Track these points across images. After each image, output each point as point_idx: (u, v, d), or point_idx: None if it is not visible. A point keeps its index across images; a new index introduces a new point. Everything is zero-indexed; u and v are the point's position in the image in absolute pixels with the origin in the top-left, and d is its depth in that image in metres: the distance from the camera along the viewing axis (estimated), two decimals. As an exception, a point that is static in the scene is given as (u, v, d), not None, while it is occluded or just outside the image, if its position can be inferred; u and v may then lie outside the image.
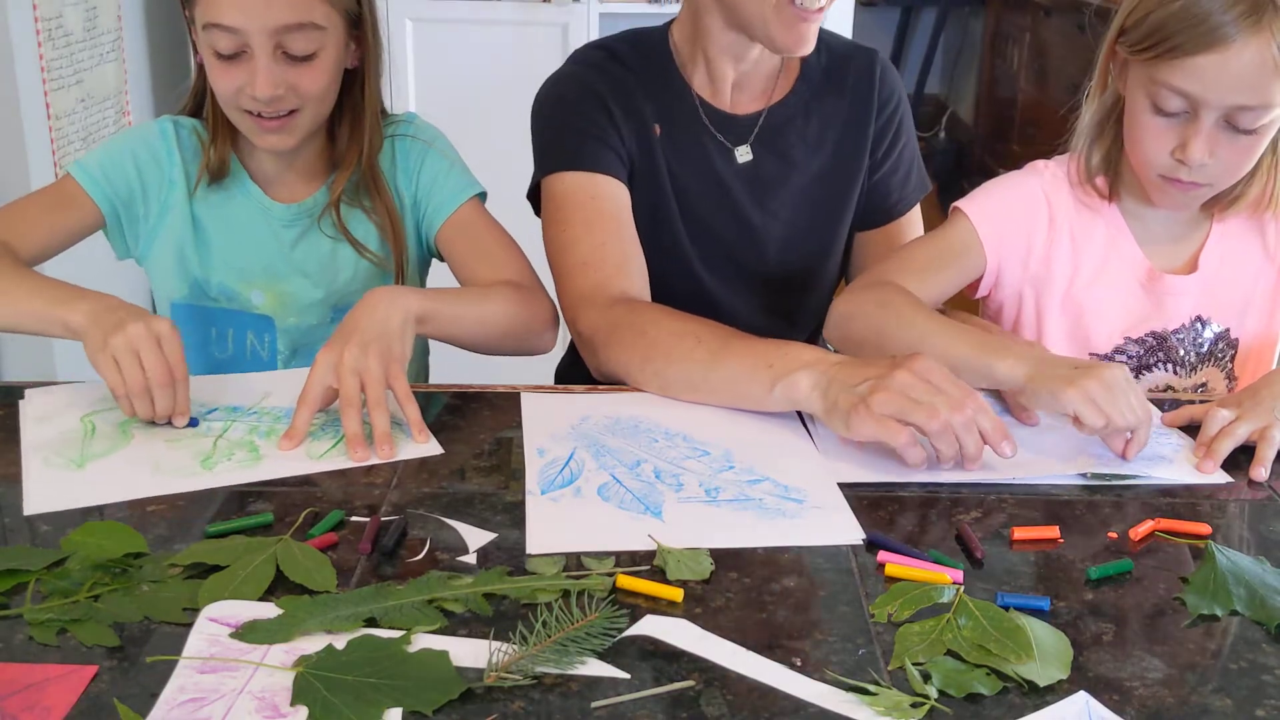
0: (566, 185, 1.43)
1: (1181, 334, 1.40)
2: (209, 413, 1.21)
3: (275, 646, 0.84)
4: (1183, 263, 1.40)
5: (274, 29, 1.30)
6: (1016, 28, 4.96)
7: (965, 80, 5.58)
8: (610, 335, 1.33)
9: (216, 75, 1.34)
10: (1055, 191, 1.40)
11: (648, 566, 0.96)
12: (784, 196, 1.52)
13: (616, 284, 1.38)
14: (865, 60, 1.55)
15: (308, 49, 1.32)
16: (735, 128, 1.50)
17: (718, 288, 1.53)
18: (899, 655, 0.85)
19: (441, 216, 1.47)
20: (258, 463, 1.12)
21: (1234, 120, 1.23)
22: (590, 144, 1.43)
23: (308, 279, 1.46)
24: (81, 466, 1.10)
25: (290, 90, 1.33)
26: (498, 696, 0.80)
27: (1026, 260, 1.41)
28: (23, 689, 0.80)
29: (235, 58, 1.31)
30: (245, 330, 1.47)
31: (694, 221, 1.50)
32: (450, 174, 1.48)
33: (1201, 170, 1.26)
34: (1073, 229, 1.40)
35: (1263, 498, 1.12)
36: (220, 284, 1.45)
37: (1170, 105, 1.24)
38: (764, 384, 1.19)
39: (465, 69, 2.99)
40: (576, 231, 1.41)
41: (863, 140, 1.53)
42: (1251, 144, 1.25)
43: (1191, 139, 1.24)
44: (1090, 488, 1.12)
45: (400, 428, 1.18)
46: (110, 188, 1.40)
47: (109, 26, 2.67)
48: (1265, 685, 0.84)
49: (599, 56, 1.50)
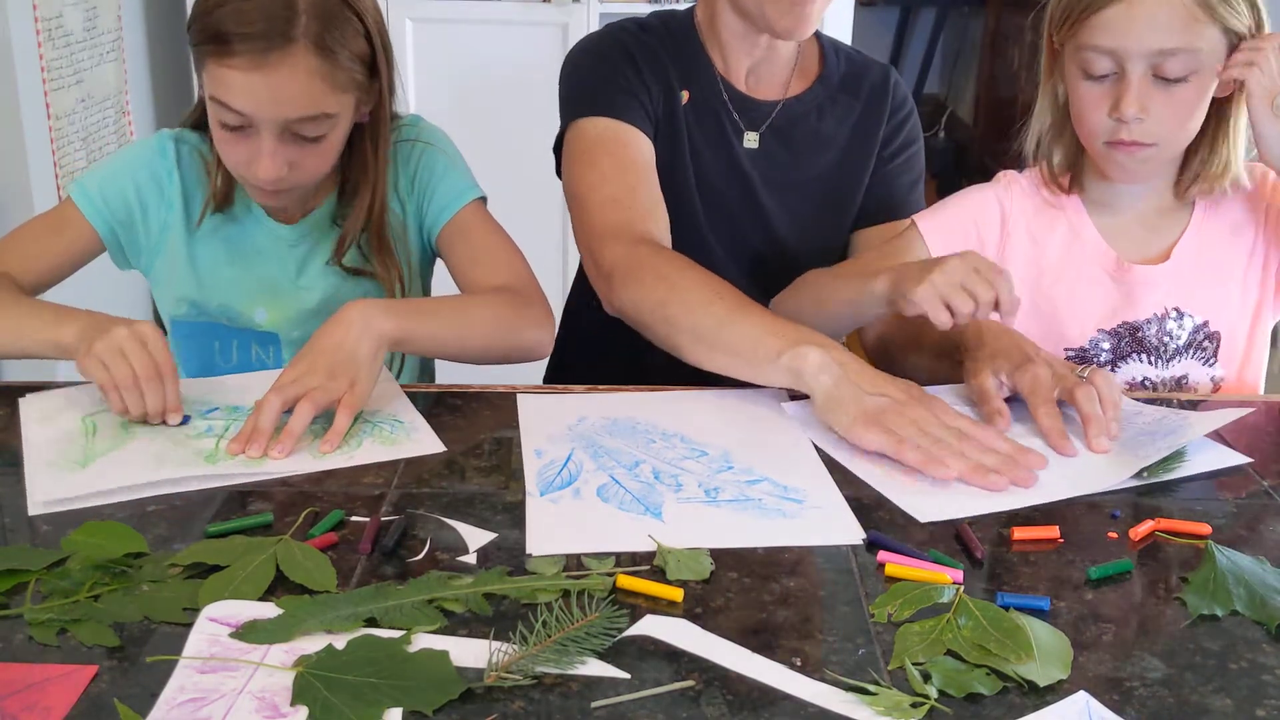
0: (600, 129, 1.44)
1: (1153, 324, 1.40)
2: (209, 412, 1.22)
3: (275, 646, 0.84)
4: (1157, 254, 1.40)
5: (285, 120, 1.25)
6: (1016, 28, 4.95)
7: (965, 80, 5.58)
8: (630, 272, 1.33)
9: (222, 145, 1.30)
10: (1011, 197, 1.42)
11: (648, 567, 0.96)
12: (791, 186, 1.54)
13: (644, 225, 1.39)
14: (881, 72, 1.59)
15: (318, 133, 1.28)
16: (752, 111, 1.52)
17: (725, 261, 1.54)
18: (899, 655, 0.85)
19: (443, 219, 1.46)
20: (262, 461, 1.12)
21: (1161, 70, 1.25)
22: (623, 97, 1.45)
23: (314, 295, 1.44)
24: (85, 465, 1.10)
25: (293, 172, 1.29)
26: (498, 696, 0.80)
27: None
28: (23, 689, 0.80)
29: (240, 129, 1.26)
30: (249, 344, 1.46)
31: (708, 194, 1.51)
32: (451, 176, 1.47)
33: (1141, 127, 1.27)
34: (1031, 229, 1.41)
35: (1263, 498, 1.12)
36: (221, 304, 1.43)
37: (1097, 67, 1.27)
38: (772, 349, 1.20)
39: (465, 69, 2.99)
40: (608, 170, 1.42)
41: (871, 143, 1.56)
42: (1186, 95, 1.27)
43: (1123, 95, 1.27)
44: (1142, 486, 1.12)
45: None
46: (109, 210, 1.39)
47: (109, 26, 2.67)
48: (1265, 685, 0.84)
49: (632, 25, 1.53)
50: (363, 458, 1.13)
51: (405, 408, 1.24)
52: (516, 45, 2.98)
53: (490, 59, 2.99)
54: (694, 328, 1.26)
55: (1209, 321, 1.40)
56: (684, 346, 1.28)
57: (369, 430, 1.18)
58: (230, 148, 1.29)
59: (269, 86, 1.22)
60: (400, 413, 1.23)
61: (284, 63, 1.22)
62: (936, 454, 1.10)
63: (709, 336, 1.25)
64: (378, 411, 1.22)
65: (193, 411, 1.21)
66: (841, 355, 1.18)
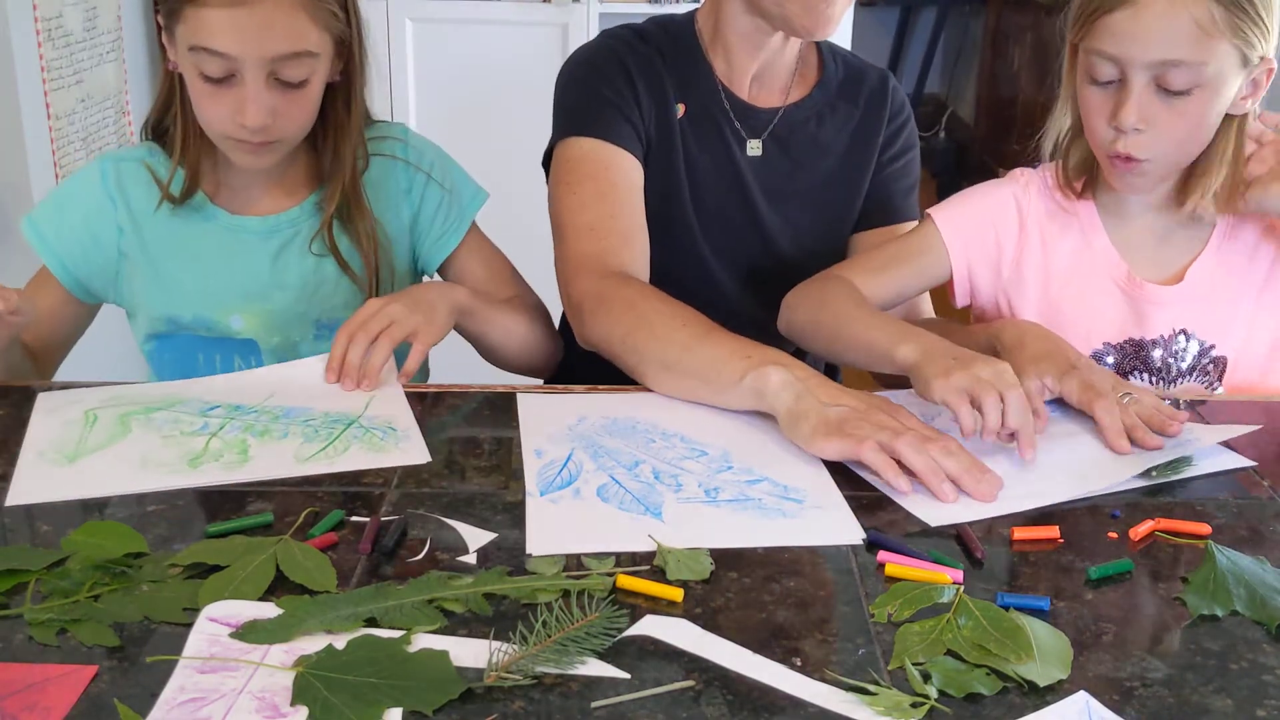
0: (584, 150, 1.44)
1: (1160, 345, 1.38)
2: (210, 409, 1.21)
3: (275, 646, 0.84)
4: (1172, 273, 1.38)
5: (270, 58, 1.25)
6: (1016, 27, 4.96)
7: (965, 80, 5.58)
8: (599, 304, 1.33)
9: (203, 101, 1.29)
10: (1028, 198, 1.40)
11: (648, 566, 0.96)
12: (791, 194, 1.54)
13: (618, 257, 1.39)
14: (879, 77, 1.58)
15: (300, 76, 1.28)
16: (753, 119, 1.51)
17: (720, 273, 1.54)
18: (899, 655, 0.85)
19: (445, 250, 1.48)
20: (244, 464, 1.11)
21: (1164, 81, 1.22)
22: (612, 115, 1.44)
23: (289, 293, 1.42)
24: (72, 461, 1.11)
25: (278, 120, 1.29)
26: (498, 696, 0.80)
27: (998, 267, 1.41)
28: (23, 689, 0.80)
29: (223, 81, 1.27)
30: (231, 355, 1.44)
31: (704, 205, 1.51)
32: (450, 205, 1.48)
33: (1139, 140, 1.25)
34: (1044, 232, 1.40)
35: (1264, 498, 1.12)
36: (195, 315, 1.42)
37: (1101, 72, 1.25)
38: (736, 371, 1.19)
39: (465, 69, 2.99)
40: (587, 196, 1.42)
41: (871, 148, 1.56)
42: (1187, 109, 1.24)
43: (1123, 103, 1.24)
44: (1149, 486, 1.12)
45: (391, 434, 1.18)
46: (63, 249, 1.39)
47: (109, 26, 2.67)
48: (1265, 685, 0.84)
49: (629, 34, 1.52)
50: (346, 464, 1.12)
51: (402, 413, 1.23)
52: (516, 45, 2.98)
53: (490, 59, 2.99)
54: (659, 355, 1.26)
55: (1216, 345, 1.38)
56: (650, 375, 1.28)
57: (359, 435, 1.17)
58: (213, 103, 1.29)
59: (252, 19, 1.23)
60: (396, 419, 1.21)
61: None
62: (893, 444, 1.08)
63: (673, 363, 1.25)
64: (375, 416, 1.21)
65: (201, 409, 1.21)
66: (803, 372, 1.17)
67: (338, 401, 1.24)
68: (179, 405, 1.22)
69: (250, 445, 1.15)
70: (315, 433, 1.17)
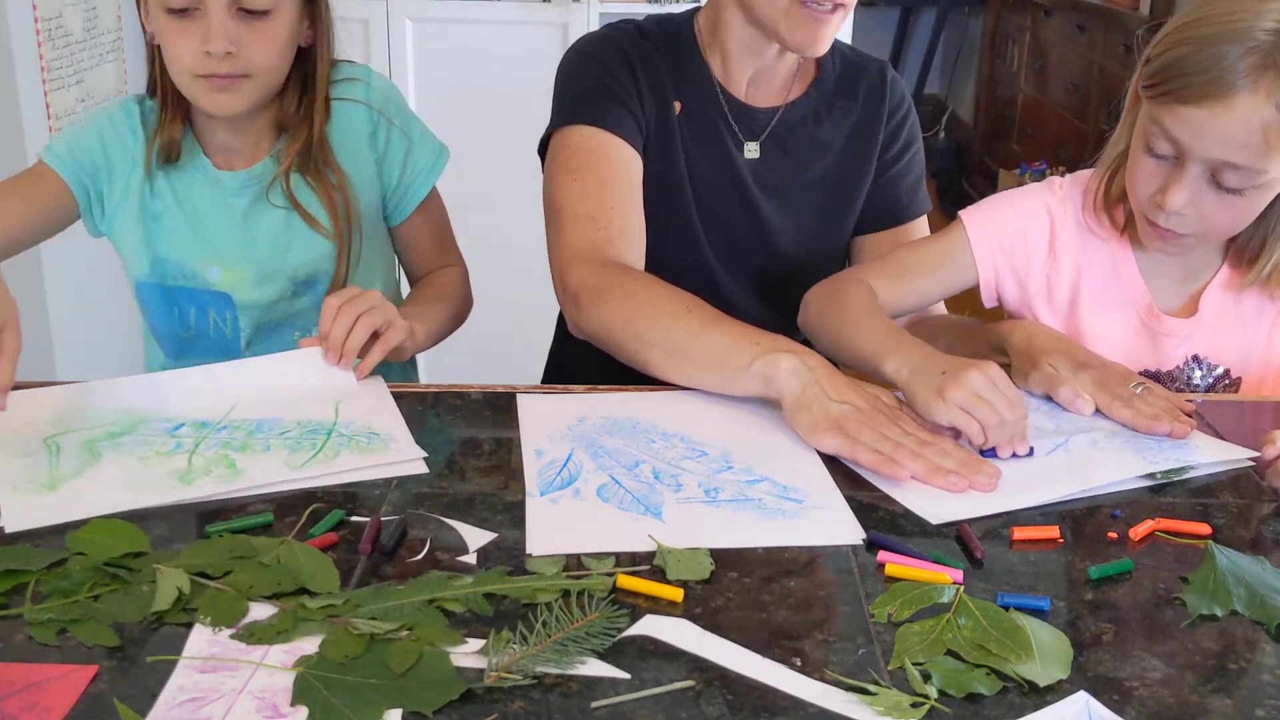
0: (586, 138, 1.43)
1: (1175, 374, 1.37)
2: (176, 428, 1.18)
3: (275, 646, 0.84)
4: (1185, 301, 1.37)
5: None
6: (1016, 28, 4.96)
7: (965, 80, 5.59)
8: (597, 294, 1.32)
9: (170, 38, 1.34)
10: (1062, 211, 1.38)
11: (648, 566, 0.96)
12: (791, 193, 1.53)
13: (616, 247, 1.38)
14: (877, 69, 1.57)
15: (263, 4, 1.33)
16: (750, 120, 1.51)
17: (721, 270, 1.53)
18: (899, 655, 0.85)
19: (408, 206, 1.52)
20: (237, 477, 1.09)
21: (1220, 177, 1.20)
22: (614, 105, 1.44)
23: (260, 249, 1.44)
24: (54, 489, 1.06)
25: (243, 50, 1.33)
26: (498, 696, 0.80)
27: (1026, 277, 1.39)
28: (23, 689, 0.80)
29: (187, 14, 1.31)
30: (207, 308, 1.47)
31: (705, 203, 1.51)
32: (411, 157, 1.50)
33: (1179, 220, 1.23)
34: (1076, 252, 1.37)
35: (1264, 498, 1.12)
36: (178, 262, 1.45)
37: (1159, 148, 1.22)
38: (745, 357, 1.19)
39: (465, 69, 2.99)
40: (587, 185, 1.41)
41: (871, 145, 1.55)
42: (1237, 205, 1.22)
43: (1172, 185, 1.22)
44: (1156, 486, 1.12)
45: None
46: (78, 166, 1.43)
47: (109, 26, 2.67)
48: (1265, 685, 0.84)
49: (631, 28, 1.52)
50: (340, 466, 1.11)
51: (378, 415, 1.21)
52: (516, 45, 2.98)
53: (490, 59, 2.99)
54: (664, 342, 1.25)
55: (1230, 370, 1.37)
56: (654, 362, 1.27)
57: (345, 442, 1.15)
58: (180, 38, 1.33)
59: None
60: (373, 423, 1.19)
61: None
62: (892, 455, 1.10)
63: (680, 350, 1.25)
64: (351, 423, 1.19)
65: (165, 429, 1.17)
66: (813, 360, 1.18)
67: (305, 409, 1.21)
68: (141, 427, 1.17)
69: (236, 460, 1.11)
70: (298, 443, 1.15)
